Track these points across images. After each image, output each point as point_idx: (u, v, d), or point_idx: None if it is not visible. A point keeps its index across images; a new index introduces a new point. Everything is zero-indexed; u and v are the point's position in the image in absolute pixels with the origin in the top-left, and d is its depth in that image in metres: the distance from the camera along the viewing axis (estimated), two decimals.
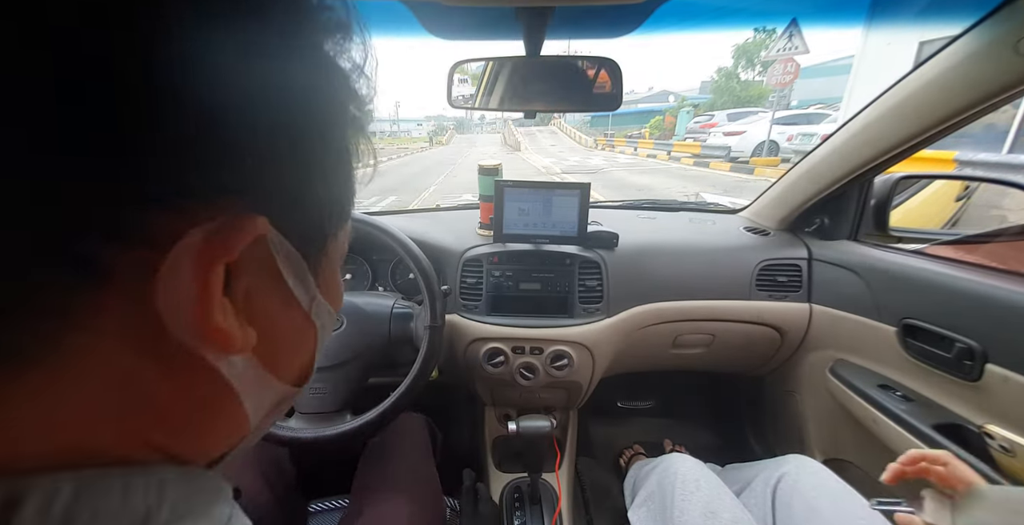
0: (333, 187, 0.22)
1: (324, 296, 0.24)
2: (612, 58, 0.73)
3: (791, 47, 7.82)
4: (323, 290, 0.23)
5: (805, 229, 1.14)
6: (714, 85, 24.58)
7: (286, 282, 0.20)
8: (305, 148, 0.19)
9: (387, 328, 0.84)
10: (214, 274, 0.16)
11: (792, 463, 0.79)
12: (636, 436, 1.45)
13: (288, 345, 0.23)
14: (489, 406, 1.19)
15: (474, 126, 64.76)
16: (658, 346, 1.13)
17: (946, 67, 0.70)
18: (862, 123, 0.88)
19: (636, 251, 1.06)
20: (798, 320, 1.07)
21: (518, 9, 0.56)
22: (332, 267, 0.25)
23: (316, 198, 0.20)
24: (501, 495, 1.10)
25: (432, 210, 1.58)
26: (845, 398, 0.96)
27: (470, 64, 0.77)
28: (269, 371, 0.21)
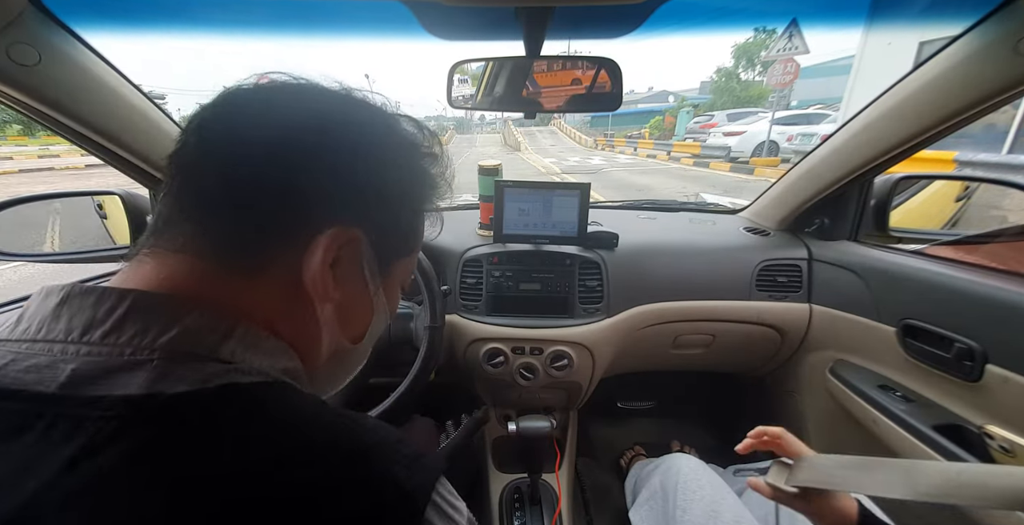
0: (408, 231, 0.37)
1: (385, 295, 0.38)
2: (612, 58, 0.73)
3: (791, 47, 7.81)
4: (385, 291, 0.37)
5: (805, 229, 1.14)
6: (714, 85, 24.58)
7: (364, 273, 0.34)
8: (399, 209, 0.35)
9: (387, 328, 0.84)
10: (326, 256, 0.30)
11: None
12: (636, 436, 1.45)
13: (355, 313, 0.36)
14: (489, 406, 1.19)
15: (474, 126, 64.73)
16: (658, 346, 1.13)
17: (946, 67, 0.70)
18: (862, 123, 0.88)
19: (636, 251, 1.06)
20: (798, 320, 1.07)
21: (518, 9, 0.56)
22: (394, 280, 0.39)
23: (396, 234, 0.36)
24: (501, 495, 1.10)
25: None
26: (845, 398, 0.96)
27: (470, 64, 0.77)
28: (339, 324, 0.34)
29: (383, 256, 0.35)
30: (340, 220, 0.30)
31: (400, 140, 0.35)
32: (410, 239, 0.38)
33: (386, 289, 0.37)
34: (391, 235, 0.35)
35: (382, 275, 0.36)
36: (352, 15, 0.69)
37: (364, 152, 0.31)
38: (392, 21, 0.65)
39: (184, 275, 0.28)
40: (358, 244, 0.32)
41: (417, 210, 0.38)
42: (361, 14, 0.69)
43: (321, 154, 0.30)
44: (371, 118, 0.33)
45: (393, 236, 0.36)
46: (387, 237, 0.35)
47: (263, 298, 0.30)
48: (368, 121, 0.33)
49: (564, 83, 0.78)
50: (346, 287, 0.32)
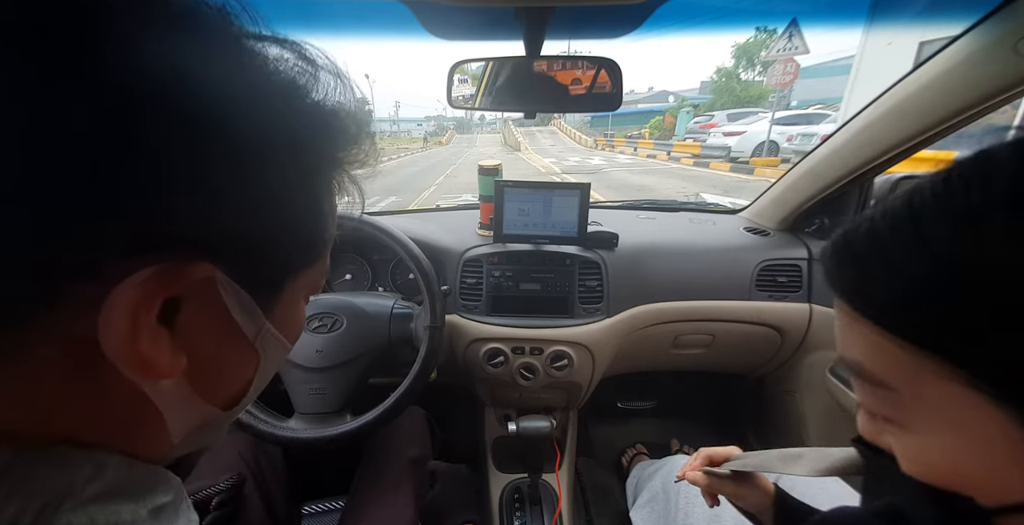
0: (305, 230, 0.24)
1: (278, 327, 0.25)
2: (612, 58, 0.73)
3: (791, 47, 7.81)
4: (277, 321, 0.25)
5: (805, 229, 1.14)
6: (714, 85, 24.59)
7: (231, 317, 0.22)
8: (282, 205, 0.22)
9: (387, 328, 0.84)
10: (144, 311, 0.18)
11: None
12: (636, 436, 1.45)
13: (226, 371, 0.25)
14: (489, 406, 1.19)
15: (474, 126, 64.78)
16: (658, 346, 1.13)
17: (946, 67, 0.70)
18: (862, 123, 0.88)
19: (636, 251, 1.06)
20: (798, 320, 1.07)
21: (518, 9, 0.56)
22: (293, 299, 0.26)
23: (273, 246, 0.22)
24: (501, 496, 1.10)
25: (432, 210, 1.58)
26: (845, 398, 0.96)
27: (470, 64, 0.77)
28: (198, 393, 0.23)
29: (267, 278, 0.23)
30: (163, 246, 0.18)
31: (262, 80, 0.20)
32: (314, 241, 0.25)
33: (277, 319, 0.25)
34: (277, 248, 0.22)
35: (270, 303, 0.24)
36: (352, 15, 0.69)
37: (191, 121, 0.17)
38: (392, 21, 0.65)
39: None
40: (211, 283, 0.20)
41: (319, 197, 0.24)
42: (361, 14, 0.69)
43: (101, 137, 0.15)
44: (201, 50, 0.18)
45: (281, 248, 0.23)
46: (270, 253, 0.22)
47: (27, 400, 0.18)
48: (194, 56, 0.18)
49: (564, 83, 0.78)
50: (195, 342, 0.21)
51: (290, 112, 0.21)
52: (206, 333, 0.21)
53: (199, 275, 0.19)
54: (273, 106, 0.21)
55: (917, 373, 0.21)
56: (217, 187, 0.19)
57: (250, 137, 0.19)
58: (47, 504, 0.17)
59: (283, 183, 0.21)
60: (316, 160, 0.23)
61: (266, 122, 0.20)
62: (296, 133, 0.21)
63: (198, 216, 0.18)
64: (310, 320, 0.80)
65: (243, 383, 0.26)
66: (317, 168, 0.24)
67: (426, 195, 7.96)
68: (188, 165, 0.17)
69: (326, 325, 0.80)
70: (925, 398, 0.21)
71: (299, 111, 0.22)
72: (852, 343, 0.24)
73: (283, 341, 0.26)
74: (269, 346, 0.25)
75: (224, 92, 0.18)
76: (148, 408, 0.21)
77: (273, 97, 0.21)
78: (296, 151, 0.21)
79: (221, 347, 0.23)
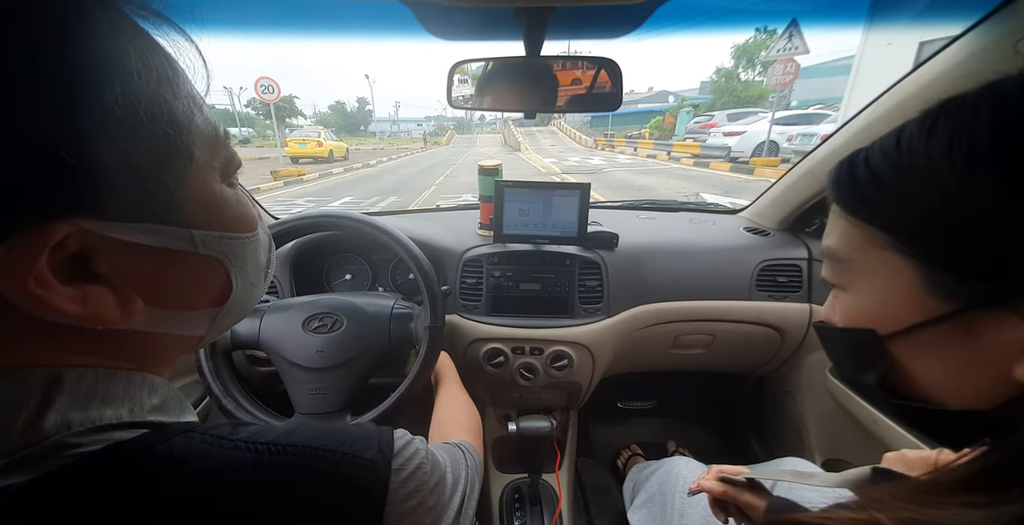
0: (136, 149, 0.21)
1: (213, 226, 0.26)
2: (612, 58, 0.73)
3: (791, 47, 7.81)
4: (202, 219, 0.25)
5: (805, 229, 1.14)
6: (714, 85, 24.59)
7: (145, 246, 0.23)
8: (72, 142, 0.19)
9: (387, 328, 0.84)
10: (30, 283, 0.19)
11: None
12: (636, 436, 1.45)
13: (191, 284, 0.27)
14: (489, 406, 1.19)
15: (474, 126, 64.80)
16: (658, 346, 1.13)
17: (946, 67, 0.70)
18: (862, 123, 0.88)
19: (636, 251, 1.06)
20: (798, 320, 1.07)
21: (518, 9, 0.56)
22: (201, 194, 0.25)
23: (126, 173, 0.21)
24: (501, 496, 1.10)
25: (432, 210, 1.58)
26: (845, 399, 0.96)
27: (470, 64, 0.77)
28: (182, 308, 0.27)
29: (149, 201, 0.22)
30: (15, 212, 0.19)
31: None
32: (169, 136, 0.22)
33: (205, 219, 0.26)
34: (129, 171, 0.21)
35: (181, 212, 0.24)
36: (352, 15, 0.69)
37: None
38: (392, 21, 0.65)
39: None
40: (77, 234, 0.20)
41: (153, 99, 0.21)
42: (361, 14, 0.69)
43: None
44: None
45: (134, 169, 0.21)
46: (124, 179, 0.21)
47: (57, 340, 0.23)
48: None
49: (564, 83, 0.78)
50: (136, 278, 0.23)
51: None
52: (140, 267, 0.23)
53: (53, 237, 0.19)
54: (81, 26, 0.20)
55: (864, 246, 0.30)
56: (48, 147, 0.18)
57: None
58: (131, 410, 0.25)
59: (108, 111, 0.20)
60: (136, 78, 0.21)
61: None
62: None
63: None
64: (309, 320, 0.80)
65: (223, 281, 0.29)
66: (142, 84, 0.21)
67: (426, 195, 7.96)
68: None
69: (326, 325, 0.80)
70: (865, 263, 0.30)
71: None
72: (830, 233, 0.34)
73: (234, 235, 0.28)
74: (222, 246, 0.27)
75: None
76: (149, 338, 0.26)
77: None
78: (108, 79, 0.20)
79: (165, 270, 0.25)
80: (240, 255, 0.29)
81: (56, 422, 0.21)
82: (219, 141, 0.27)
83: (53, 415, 0.21)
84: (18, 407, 0.21)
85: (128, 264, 0.23)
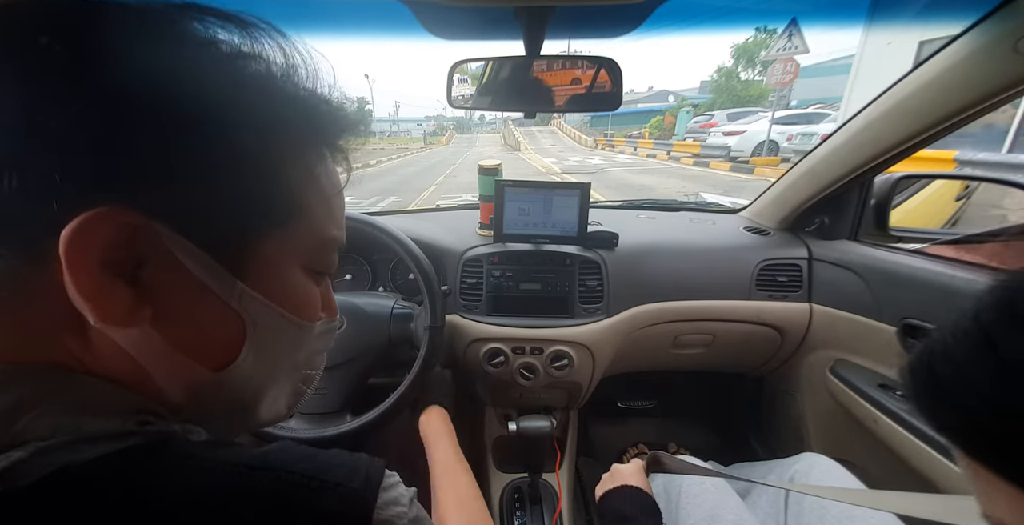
0: (262, 187, 0.25)
1: (269, 295, 0.27)
2: (612, 58, 0.73)
3: (791, 47, 7.81)
4: (261, 286, 0.26)
5: (805, 229, 1.14)
6: (714, 85, 24.58)
7: (193, 274, 0.23)
8: (227, 159, 0.23)
9: (387, 328, 0.84)
10: (79, 259, 0.20)
11: (804, 462, 0.79)
12: (636, 436, 1.45)
13: (203, 328, 0.26)
14: (489, 406, 1.19)
15: (474, 126, 64.79)
16: (658, 346, 1.13)
17: (946, 67, 0.70)
18: (862, 123, 0.88)
19: (636, 251, 1.06)
20: (798, 320, 1.07)
21: (518, 9, 0.56)
22: (277, 264, 0.27)
23: (226, 202, 0.24)
24: (501, 495, 1.10)
25: (432, 210, 1.58)
26: (845, 398, 0.96)
27: (470, 64, 0.77)
28: (178, 349, 0.25)
29: (229, 238, 0.24)
30: (104, 200, 0.20)
31: (200, 47, 0.23)
32: (280, 200, 0.26)
33: (260, 284, 0.26)
34: (229, 204, 0.23)
35: (244, 264, 0.25)
36: (352, 15, 0.69)
37: (127, 77, 0.20)
38: (392, 21, 0.64)
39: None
40: (150, 234, 0.22)
41: (272, 153, 0.25)
42: (361, 14, 0.69)
43: (44, 94, 0.19)
44: (137, 17, 0.22)
45: (234, 204, 0.24)
46: (221, 208, 0.23)
47: (46, 335, 0.22)
48: (131, 23, 0.22)
49: (564, 83, 0.78)
50: (164, 298, 0.23)
51: (255, 96, 0.24)
52: (173, 289, 0.23)
53: (130, 221, 0.21)
54: (239, 88, 0.24)
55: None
56: (159, 156, 0.21)
57: (211, 115, 0.22)
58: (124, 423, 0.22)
59: (229, 151, 0.23)
60: (270, 125, 0.25)
61: (230, 100, 0.23)
62: (260, 108, 0.24)
63: (135, 177, 0.21)
64: None
65: (231, 345, 0.27)
66: (274, 133, 0.25)
67: (426, 195, 7.96)
68: (134, 139, 0.21)
69: None
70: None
71: (267, 91, 0.25)
72: (994, 501, 0.23)
73: (275, 307, 0.27)
74: (255, 310, 0.26)
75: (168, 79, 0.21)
76: (125, 356, 0.23)
77: (220, 83, 0.23)
78: (250, 122, 0.24)
79: (192, 304, 0.24)
80: (270, 331, 0.28)
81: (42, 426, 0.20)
82: (325, 245, 0.30)
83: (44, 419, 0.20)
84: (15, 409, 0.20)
85: (165, 281, 0.23)
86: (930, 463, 0.74)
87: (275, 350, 0.29)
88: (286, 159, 0.26)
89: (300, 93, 0.26)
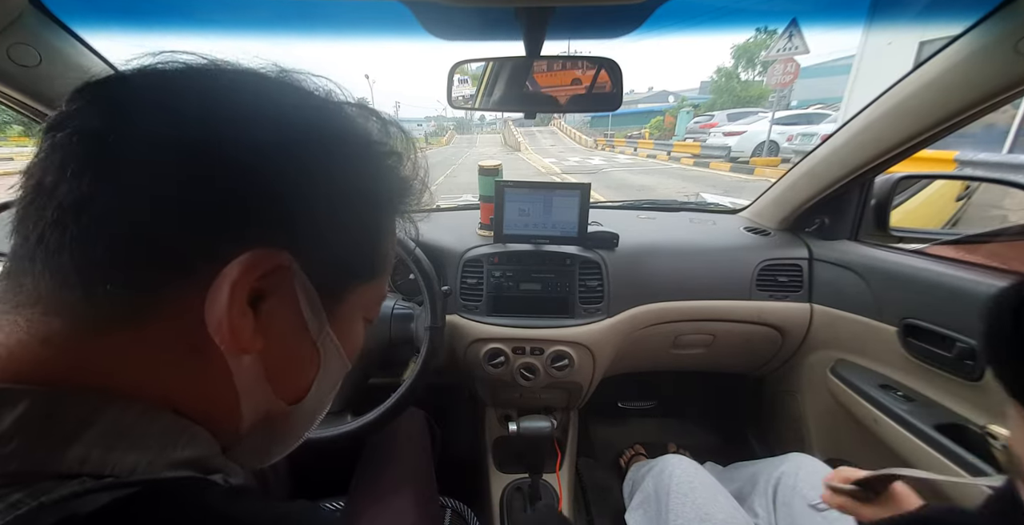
0: (366, 249, 0.29)
1: (338, 336, 0.30)
2: (612, 58, 0.73)
3: (791, 47, 7.81)
4: (337, 330, 0.29)
5: (806, 229, 1.14)
6: (714, 85, 24.58)
7: (302, 311, 0.26)
8: (350, 223, 0.27)
9: (387, 329, 0.84)
10: (240, 286, 0.22)
11: (790, 462, 0.79)
12: (637, 436, 1.45)
13: (292, 362, 0.28)
14: (489, 407, 1.19)
15: (474, 126, 64.80)
16: (659, 346, 1.13)
17: (946, 67, 0.70)
18: (862, 123, 0.88)
19: (636, 251, 1.06)
20: (799, 320, 1.07)
21: (518, 9, 0.56)
22: (352, 314, 0.31)
23: (348, 254, 0.28)
24: (501, 495, 1.10)
25: (432, 210, 1.58)
26: (846, 398, 0.96)
27: (470, 64, 0.77)
28: (268, 379, 0.27)
29: (330, 284, 0.27)
30: (261, 241, 0.23)
31: (353, 137, 0.28)
32: (372, 259, 0.30)
33: (337, 327, 0.29)
34: (340, 256, 0.28)
35: (332, 309, 0.28)
36: (352, 15, 0.69)
37: (301, 152, 0.24)
38: (392, 21, 0.65)
39: (17, 343, 0.20)
40: (287, 273, 0.24)
41: (378, 222, 0.30)
42: (361, 14, 0.70)
43: (242, 157, 0.22)
44: (316, 110, 0.27)
45: (343, 257, 0.28)
46: (334, 259, 0.27)
47: (150, 358, 0.22)
48: (312, 114, 0.26)
49: (564, 83, 0.78)
50: (272, 330, 0.25)
51: (374, 172, 0.29)
52: (282, 322, 0.26)
53: (281, 261, 0.23)
54: (366, 169, 0.28)
55: None
56: (313, 214, 0.25)
57: (344, 187, 0.26)
58: (152, 461, 0.21)
59: (358, 209, 0.28)
60: (382, 200, 0.30)
61: (359, 177, 0.27)
62: (374, 185, 0.29)
63: (295, 219, 0.24)
64: None
65: (305, 380, 0.29)
66: (382, 206, 0.30)
67: (426, 195, 7.95)
68: (301, 201, 0.24)
69: None
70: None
71: (381, 172, 0.29)
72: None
73: (341, 350, 0.30)
74: (329, 350, 0.29)
75: (329, 160, 0.26)
76: (229, 389, 0.25)
77: (369, 148, 0.28)
78: (368, 195, 0.28)
79: (291, 338, 0.27)
80: (331, 371, 0.31)
81: (78, 458, 0.19)
82: (382, 299, 0.35)
83: (77, 448, 0.19)
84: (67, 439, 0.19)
85: (277, 313, 0.25)
86: (930, 463, 0.73)
87: (326, 388, 0.32)
88: (381, 223, 0.30)
89: (400, 172, 0.31)
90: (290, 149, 0.24)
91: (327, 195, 0.25)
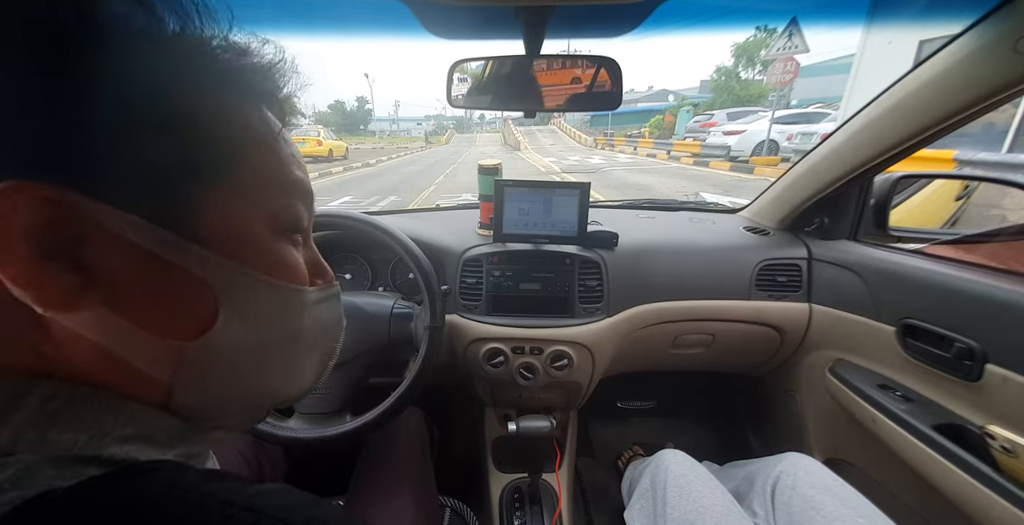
0: (173, 152, 0.23)
1: (247, 262, 0.26)
2: (612, 57, 0.73)
3: (791, 46, 7.80)
4: (233, 253, 0.25)
5: (805, 229, 1.14)
6: (714, 84, 24.56)
7: (141, 245, 0.22)
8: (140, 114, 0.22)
9: (387, 328, 0.84)
10: (11, 242, 0.19)
11: (787, 461, 0.79)
12: (636, 436, 1.45)
13: (167, 301, 0.24)
14: (489, 406, 1.19)
15: (474, 125, 64.78)
16: (658, 346, 1.13)
17: (946, 66, 0.70)
18: (862, 122, 0.88)
19: (636, 251, 1.06)
20: (798, 320, 1.07)
21: (518, 8, 0.56)
22: (238, 230, 0.26)
23: (146, 170, 0.22)
24: (501, 495, 1.10)
25: (432, 210, 1.58)
26: (845, 398, 0.96)
27: (470, 63, 0.77)
28: (141, 326, 0.23)
29: (163, 202, 0.23)
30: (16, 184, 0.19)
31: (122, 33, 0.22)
32: (200, 153, 0.24)
33: (227, 249, 0.25)
34: (150, 169, 0.22)
35: (195, 228, 0.24)
36: (352, 15, 0.69)
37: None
38: (392, 21, 0.64)
39: None
40: (73, 210, 0.20)
41: (194, 116, 0.24)
42: (361, 14, 0.69)
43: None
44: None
45: (155, 168, 0.22)
46: (141, 175, 0.22)
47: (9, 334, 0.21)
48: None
49: (564, 82, 0.78)
50: (120, 277, 0.22)
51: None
52: (124, 265, 0.22)
53: (46, 196, 0.19)
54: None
55: None
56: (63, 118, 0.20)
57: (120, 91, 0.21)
58: (92, 437, 0.21)
59: (144, 116, 0.22)
60: (191, 93, 0.24)
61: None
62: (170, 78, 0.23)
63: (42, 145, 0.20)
64: None
65: (205, 314, 0.25)
66: (193, 100, 0.24)
67: (426, 194, 7.95)
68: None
69: None
70: None
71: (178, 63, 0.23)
72: None
73: (247, 271, 0.26)
74: (225, 276, 0.25)
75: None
76: (90, 343, 0.22)
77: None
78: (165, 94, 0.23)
79: (149, 277, 0.23)
80: (249, 296, 0.27)
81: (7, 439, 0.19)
82: (280, 196, 0.28)
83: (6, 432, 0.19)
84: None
85: (111, 257, 0.22)
86: (929, 463, 0.74)
87: (263, 316, 0.28)
88: (199, 116, 0.24)
89: (220, 55, 0.26)
90: None
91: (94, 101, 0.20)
